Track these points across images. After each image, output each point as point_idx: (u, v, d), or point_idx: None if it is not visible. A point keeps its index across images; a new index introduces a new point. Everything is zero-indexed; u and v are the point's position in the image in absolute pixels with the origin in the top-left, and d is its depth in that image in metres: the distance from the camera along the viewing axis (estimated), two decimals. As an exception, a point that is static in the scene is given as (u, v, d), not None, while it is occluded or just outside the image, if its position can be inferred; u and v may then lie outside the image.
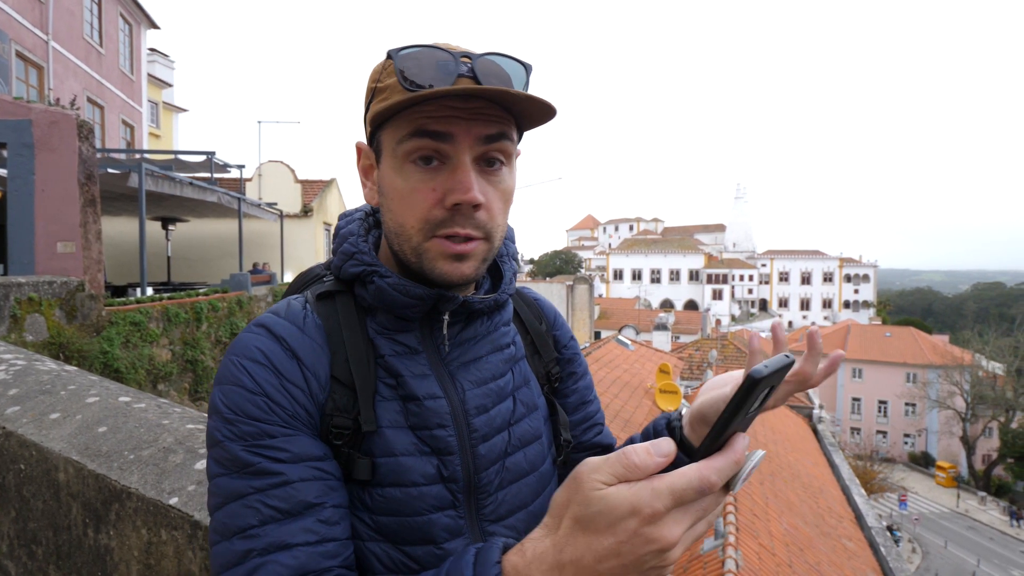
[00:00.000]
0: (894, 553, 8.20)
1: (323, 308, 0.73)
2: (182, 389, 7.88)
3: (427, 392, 0.71)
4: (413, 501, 0.68)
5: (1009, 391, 35.55)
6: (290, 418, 0.64)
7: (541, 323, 0.90)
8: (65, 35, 13.84)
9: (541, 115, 0.67)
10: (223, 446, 0.62)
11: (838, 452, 12.93)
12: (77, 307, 5.96)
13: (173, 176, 9.51)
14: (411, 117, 0.65)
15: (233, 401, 0.63)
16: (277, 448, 0.62)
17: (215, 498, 0.62)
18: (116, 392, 1.79)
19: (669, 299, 69.07)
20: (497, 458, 0.74)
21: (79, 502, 1.41)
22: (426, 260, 0.69)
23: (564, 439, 0.84)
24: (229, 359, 0.66)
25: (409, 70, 0.63)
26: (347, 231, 0.78)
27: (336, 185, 18.77)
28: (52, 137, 6.03)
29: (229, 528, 0.60)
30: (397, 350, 0.72)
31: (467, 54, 0.65)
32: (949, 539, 28.04)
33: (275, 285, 12.22)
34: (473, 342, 0.76)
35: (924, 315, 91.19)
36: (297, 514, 0.60)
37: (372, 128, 0.70)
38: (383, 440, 0.68)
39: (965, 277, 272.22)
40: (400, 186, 0.67)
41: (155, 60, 23.54)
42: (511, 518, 0.74)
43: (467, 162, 0.65)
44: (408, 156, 0.66)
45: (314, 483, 0.62)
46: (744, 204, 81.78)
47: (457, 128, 0.64)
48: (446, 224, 0.67)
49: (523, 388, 0.80)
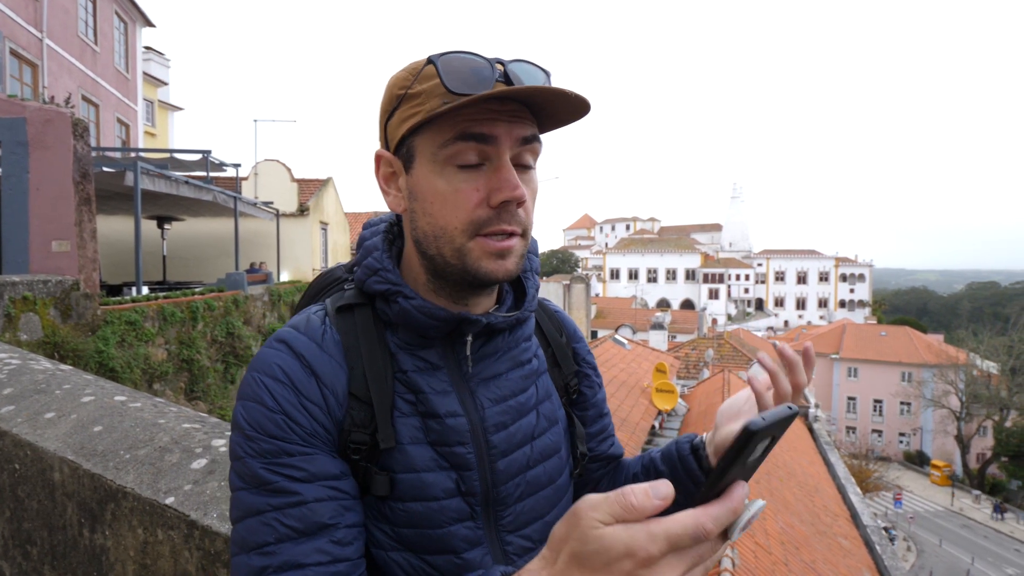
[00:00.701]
0: (889, 551, 8.24)
1: (342, 322, 0.74)
2: (178, 388, 7.86)
3: (448, 410, 0.72)
4: (433, 514, 0.70)
5: (1003, 390, 35.75)
6: (308, 436, 0.66)
7: (562, 336, 0.91)
8: (59, 33, 13.77)
9: (571, 114, 0.69)
10: (244, 462, 0.65)
11: (834, 451, 12.97)
12: (72, 306, 5.93)
13: (169, 175, 9.47)
14: (453, 122, 0.66)
15: (254, 418, 0.65)
16: (294, 467, 0.64)
17: (236, 511, 0.65)
18: (111, 391, 1.79)
19: (666, 298, 69.21)
20: (517, 472, 0.75)
21: (74, 502, 1.40)
22: (470, 260, 0.69)
23: (581, 452, 0.86)
24: (251, 375, 0.68)
25: (452, 75, 0.64)
26: (371, 244, 0.78)
27: (332, 184, 18.71)
28: (47, 135, 6.00)
29: (248, 543, 0.63)
30: (419, 366, 0.73)
31: (498, 60, 0.68)
32: (944, 537, 28.19)
33: (271, 284, 12.19)
34: (493, 358, 0.77)
35: (919, 314, 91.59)
36: (311, 534, 0.62)
37: (404, 134, 0.70)
38: (404, 456, 0.70)
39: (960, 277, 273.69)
40: (443, 188, 0.68)
41: (151, 58, 23.43)
42: (528, 528, 0.76)
43: (508, 161, 0.67)
44: (451, 159, 0.67)
45: (329, 503, 0.64)
46: (740, 204, 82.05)
47: (500, 130, 0.66)
48: (491, 223, 0.68)
49: (545, 402, 0.82)
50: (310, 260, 16.66)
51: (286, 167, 16.82)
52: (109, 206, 11.59)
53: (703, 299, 67.41)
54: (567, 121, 0.71)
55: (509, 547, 0.74)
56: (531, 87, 0.64)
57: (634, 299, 54.76)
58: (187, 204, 11.51)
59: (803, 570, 6.28)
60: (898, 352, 42.15)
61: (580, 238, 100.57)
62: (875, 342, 44.15)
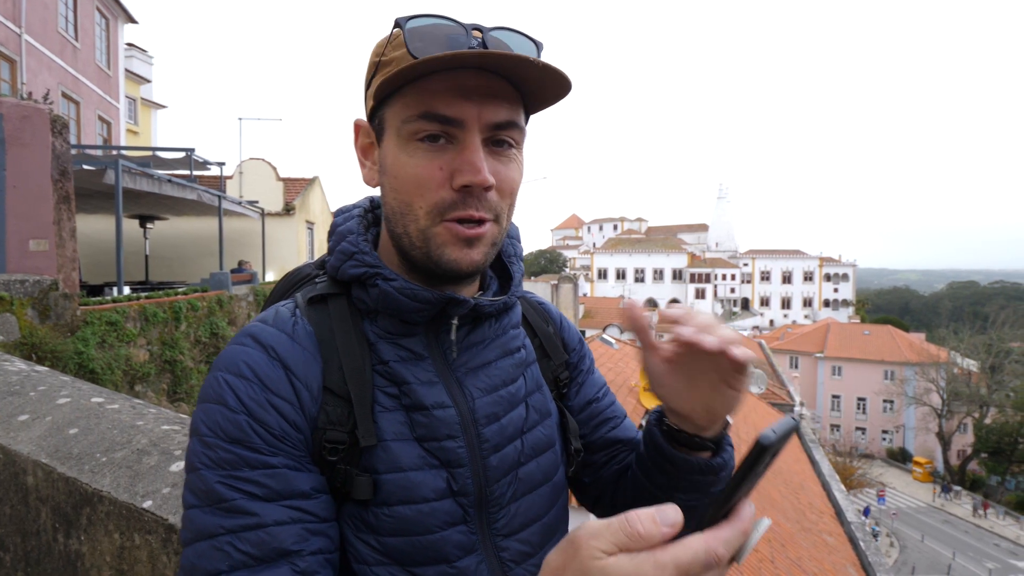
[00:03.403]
0: (873, 547, 8.35)
1: (315, 313, 0.69)
2: (160, 390, 7.74)
3: (436, 401, 0.67)
4: (424, 518, 0.64)
5: (983, 387, 36.43)
6: (275, 439, 0.60)
7: (548, 326, 0.86)
8: (39, 28, 13.51)
9: (554, 91, 0.64)
10: (199, 474, 0.58)
11: (818, 449, 13.11)
12: (50, 306, 5.81)
13: (151, 173, 9.33)
14: (419, 96, 0.61)
15: (213, 421, 0.59)
16: (254, 482, 0.58)
17: (187, 532, 0.58)
18: (88, 393, 1.74)
19: (653, 298, 69.50)
20: (509, 469, 0.70)
21: (48, 506, 1.36)
22: (433, 245, 0.64)
23: (574, 448, 0.80)
24: (213, 375, 0.62)
25: (419, 41, 0.59)
26: (345, 228, 0.73)
27: (319, 183, 18.57)
28: (24, 132, 5.87)
29: (197, 570, 0.56)
30: (401, 356, 0.68)
31: (477, 27, 0.62)
32: (926, 533, 28.64)
33: (256, 284, 12.06)
34: (481, 346, 0.72)
35: (901, 313, 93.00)
36: (270, 560, 0.56)
37: (375, 103, 0.66)
38: (388, 454, 0.64)
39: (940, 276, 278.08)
40: (406, 163, 0.63)
41: (133, 55, 23.09)
42: (524, 532, 0.71)
43: (476, 142, 0.62)
44: (414, 135, 0.63)
45: (291, 527, 0.58)
46: (726, 204, 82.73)
47: (467, 113, 0.61)
48: (456, 207, 0.63)
49: (535, 393, 0.77)
50: (296, 260, 16.51)
51: (271, 166, 16.66)
52: (90, 205, 11.39)
53: (690, 299, 67.86)
54: (551, 99, 0.66)
55: (504, 553, 0.69)
56: (490, 52, 0.57)
57: (622, 299, 54.99)
58: (170, 203, 11.35)
59: (789, 567, 6.34)
60: (881, 351, 42.76)
61: (568, 238, 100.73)
62: (858, 341, 44.75)
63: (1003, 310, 45.79)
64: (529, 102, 0.67)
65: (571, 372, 0.87)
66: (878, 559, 8.01)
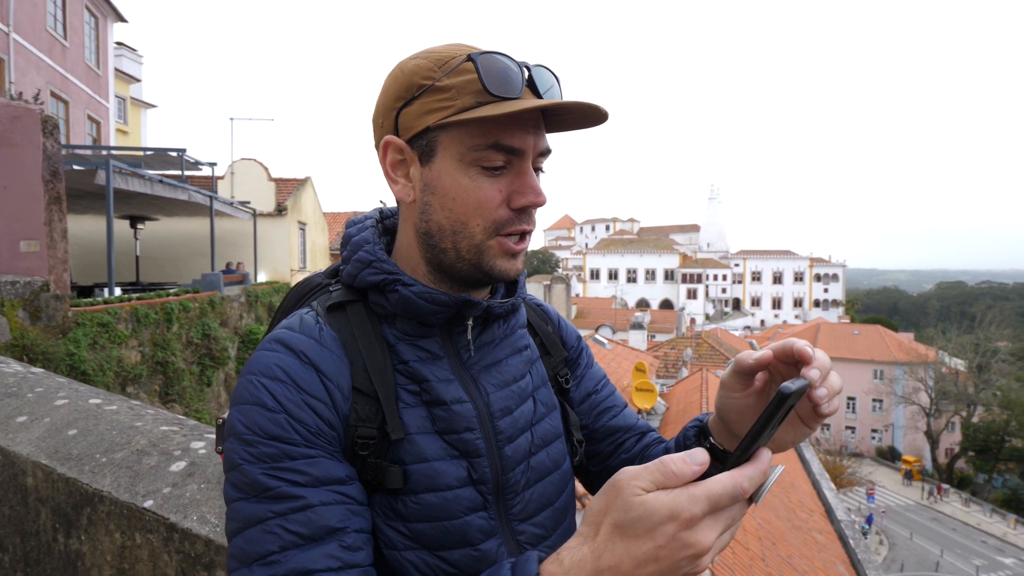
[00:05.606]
0: (862, 545, 8.42)
1: (335, 319, 0.73)
2: (152, 392, 7.70)
3: (454, 396, 0.72)
4: (448, 505, 0.69)
5: (970, 387, 36.83)
6: (312, 435, 0.63)
7: (548, 325, 0.93)
8: (27, 27, 13.38)
9: (584, 126, 0.73)
10: (241, 469, 0.61)
11: (808, 447, 13.22)
12: (42, 308, 5.78)
13: (142, 173, 9.27)
14: (487, 128, 0.67)
15: (252, 420, 0.62)
16: (297, 471, 0.61)
17: (233, 523, 0.61)
18: (86, 394, 1.75)
19: (645, 298, 69.77)
20: (522, 458, 0.76)
21: (48, 507, 1.37)
22: (486, 257, 0.71)
23: (577, 439, 0.86)
24: (247, 378, 0.65)
25: (490, 77, 0.66)
26: (361, 239, 0.78)
27: (311, 183, 18.49)
28: (14, 132, 5.83)
29: (248, 554, 0.59)
30: (420, 356, 0.73)
31: (525, 64, 0.70)
32: (914, 531, 28.90)
33: (248, 285, 12.01)
34: (492, 345, 0.78)
35: (890, 313, 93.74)
36: (319, 539, 0.59)
37: (428, 126, 0.68)
38: (413, 447, 0.69)
39: (929, 276, 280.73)
40: (467, 186, 0.69)
41: (122, 54, 22.87)
42: (538, 516, 0.76)
43: (531, 168, 0.71)
44: (478, 162, 0.68)
45: (336, 507, 0.61)
46: (718, 205, 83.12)
47: (527, 144, 0.69)
48: (511, 223, 0.71)
49: (541, 388, 0.83)
50: (288, 260, 16.44)
51: (263, 166, 16.58)
52: (80, 205, 11.30)
53: (682, 299, 68.12)
54: (574, 129, 0.75)
55: (521, 536, 0.74)
56: (578, 102, 0.67)
57: (614, 299, 55.09)
58: (161, 203, 11.28)
59: (780, 565, 6.40)
60: (870, 350, 43.09)
61: (560, 239, 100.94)
62: (848, 341, 45.07)
63: (990, 310, 46.37)
64: (550, 127, 0.75)
65: (570, 367, 0.93)
66: (867, 556, 8.09)
